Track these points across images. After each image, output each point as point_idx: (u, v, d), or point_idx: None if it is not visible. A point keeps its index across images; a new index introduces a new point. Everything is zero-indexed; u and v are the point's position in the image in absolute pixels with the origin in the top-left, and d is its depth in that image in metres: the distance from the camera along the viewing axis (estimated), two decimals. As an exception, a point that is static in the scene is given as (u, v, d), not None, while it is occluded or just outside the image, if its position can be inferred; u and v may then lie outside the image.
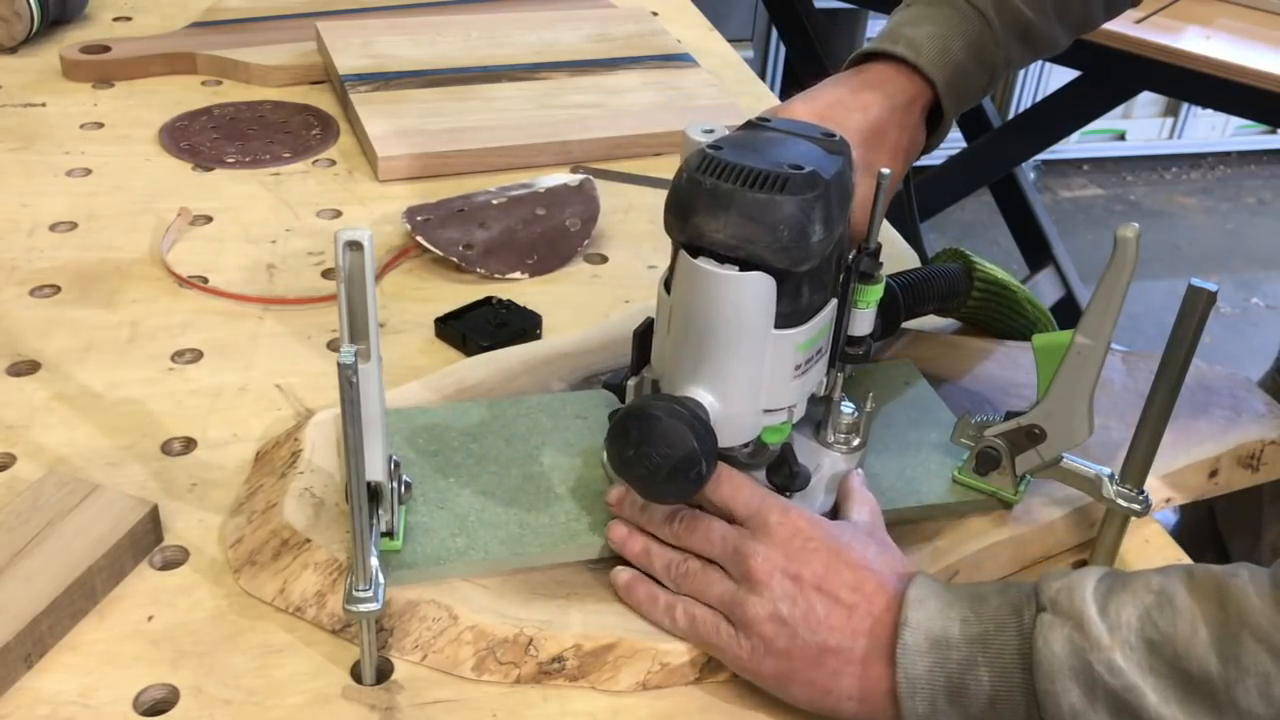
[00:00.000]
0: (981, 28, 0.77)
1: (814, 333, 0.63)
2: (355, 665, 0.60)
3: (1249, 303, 3.00)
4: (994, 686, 0.54)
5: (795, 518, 0.60)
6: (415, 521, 0.66)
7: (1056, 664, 0.52)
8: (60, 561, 0.62)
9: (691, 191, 0.59)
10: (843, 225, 0.62)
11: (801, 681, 0.58)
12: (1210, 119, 3.55)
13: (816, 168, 0.59)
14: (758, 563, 0.59)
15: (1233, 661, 0.49)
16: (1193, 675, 0.50)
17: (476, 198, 0.99)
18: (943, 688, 0.55)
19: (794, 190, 0.58)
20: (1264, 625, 0.49)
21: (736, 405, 0.62)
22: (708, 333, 0.61)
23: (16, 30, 1.25)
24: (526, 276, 0.94)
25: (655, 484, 0.61)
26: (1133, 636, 0.52)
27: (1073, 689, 0.52)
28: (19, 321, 0.85)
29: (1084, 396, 0.65)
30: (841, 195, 0.61)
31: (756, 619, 0.58)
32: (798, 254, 0.58)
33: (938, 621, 0.56)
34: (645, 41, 1.31)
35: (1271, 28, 1.73)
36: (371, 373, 0.57)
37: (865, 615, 0.57)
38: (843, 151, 0.63)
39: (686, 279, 0.61)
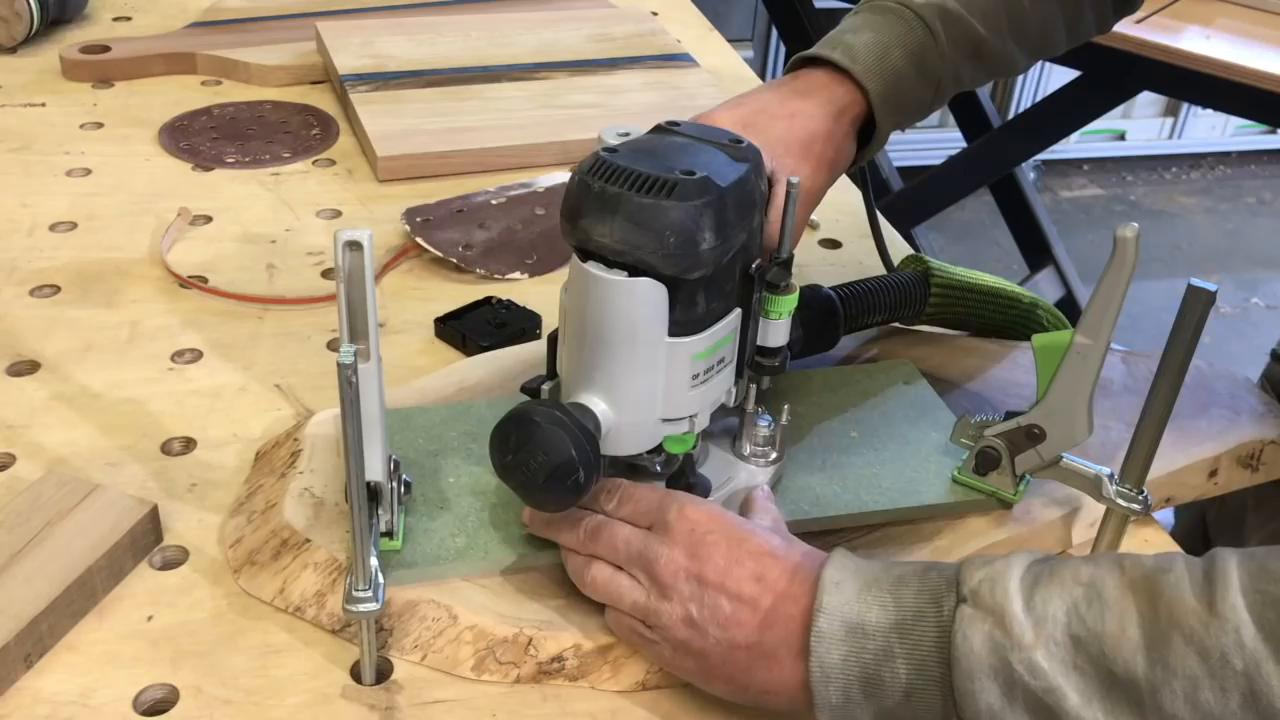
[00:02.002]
0: (924, 38, 0.75)
1: (713, 342, 0.62)
2: (355, 665, 0.60)
3: (1249, 303, 3.01)
4: (910, 680, 0.52)
5: (692, 512, 0.60)
6: (415, 521, 0.66)
7: (975, 661, 0.50)
8: (60, 561, 0.62)
9: (580, 194, 0.58)
10: (743, 234, 0.60)
11: (719, 678, 0.58)
12: (1210, 119, 3.55)
13: (710, 174, 0.58)
14: (661, 566, 0.58)
15: (1160, 663, 0.48)
16: (1118, 676, 0.48)
17: (475, 198, 0.99)
18: (857, 678, 0.53)
19: (682, 196, 0.57)
20: (1195, 627, 0.47)
21: (631, 413, 0.62)
22: (599, 339, 0.60)
23: (16, 30, 1.25)
24: (526, 276, 0.94)
25: (533, 491, 0.60)
26: (1058, 632, 0.50)
27: (991, 688, 0.50)
28: (19, 321, 0.85)
29: (1084, 396, 0.65)
30: (741, 203, 0.60)
31: (670, 624, 0.58)
32: (686, 261, 0.57)
33: (854, 606, 0.54)
34: (645, 41, 1.31)
35: (1271, 27, 1.73)
36: (371, 373, 0.57)
37: (767, 606, 0.56)
38: (748, 159, 0.61)
39: (577, 283, 0.60)
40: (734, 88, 1.27)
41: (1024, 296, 0.86)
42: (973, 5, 0.77)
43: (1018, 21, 0.79)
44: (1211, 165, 3.68)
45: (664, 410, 0.62)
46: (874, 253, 0.89)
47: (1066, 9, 0.82)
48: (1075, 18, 0.83)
